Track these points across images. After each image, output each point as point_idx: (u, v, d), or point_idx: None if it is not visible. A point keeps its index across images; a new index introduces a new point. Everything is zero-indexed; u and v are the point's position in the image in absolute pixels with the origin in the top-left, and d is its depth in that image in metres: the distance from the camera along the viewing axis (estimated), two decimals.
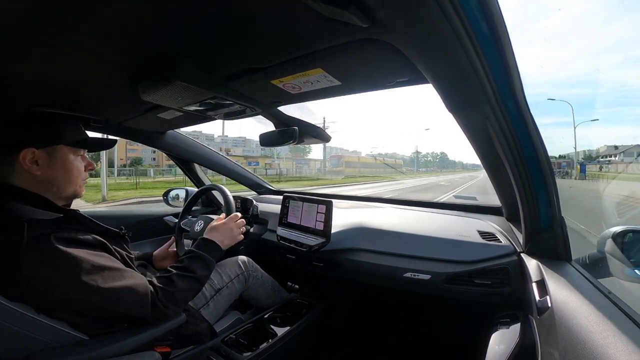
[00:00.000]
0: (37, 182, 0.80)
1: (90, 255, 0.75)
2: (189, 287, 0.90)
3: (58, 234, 0.72)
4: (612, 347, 0.46)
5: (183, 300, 0.89)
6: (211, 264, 1.00)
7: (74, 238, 0.75)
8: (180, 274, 0.91)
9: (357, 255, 1.28)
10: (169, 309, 0.83)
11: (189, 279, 0.91)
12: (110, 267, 0.77)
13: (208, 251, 1.02)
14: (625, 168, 37.01)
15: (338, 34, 0.61)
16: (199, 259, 0.98)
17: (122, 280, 0.77)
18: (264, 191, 2.23)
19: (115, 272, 0.77)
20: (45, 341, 0.69)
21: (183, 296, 0.88)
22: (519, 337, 0.79)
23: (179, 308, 0.87)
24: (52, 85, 0.86)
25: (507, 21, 0.54)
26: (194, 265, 0.95)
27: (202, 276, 0.95)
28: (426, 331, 1.62)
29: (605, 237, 0.86)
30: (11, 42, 0.62)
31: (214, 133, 79.06)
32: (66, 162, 0.84)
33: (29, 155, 0.78)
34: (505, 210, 1.30)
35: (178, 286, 0.87)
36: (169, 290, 0.86)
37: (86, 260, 0.73)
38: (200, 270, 0.95)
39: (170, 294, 0.85)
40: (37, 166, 0.79)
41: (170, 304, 0.84)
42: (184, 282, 0.89)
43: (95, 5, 0.52)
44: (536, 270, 0.83)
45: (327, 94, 0.94)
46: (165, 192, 1.99)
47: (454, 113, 0.79)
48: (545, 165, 0.78)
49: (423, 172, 60.09)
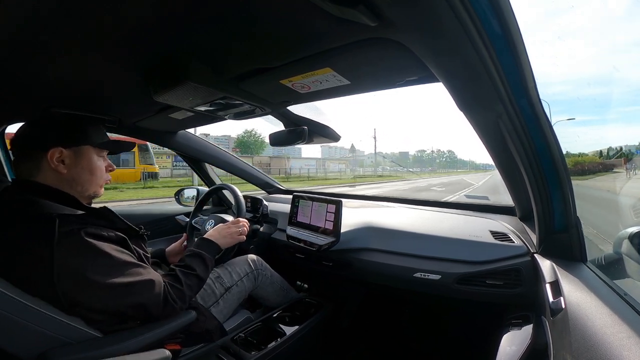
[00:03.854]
0: (62, 180, 0.82)
1: (115, 250, 0.78)
2: (191, 283, 0.93)
3: (87, 229, 0.75)
4: (627, 349, 0.45)
5: (188, 296, 0.91)
6: (209, 260, 1.03)
7: (100, 234, 0.78)
8: (183, 271, 0.94)
9: (367, 255, 1.28)
10: (177, 304, 0.86)
11: (191, 276, 0.94)
12: (131, 262, 0.80)
13: (206, 249, 1.05)
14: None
15: (347, 33, 0.61)
16: (198, 257, 1.01)
17: (140, 276, 0.80)
18: (274, 190, 2.24)
19: (134, 267, 0.80)
20: (59, 338, 0.70)
21: (188, 292, 0.91)
22: (531, 339, 0.78)
23: (184, 304, 0.89)
24: (67, 86, 0.89)
25: (519, 18, 0.53)
26: (194, 263, 0.98)
27: (202, 272, 0.98)
28: (435, 331, 1.60)
29: (622, 237, 0.84)
30: (27, 44, 0.64)
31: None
32: (91, 162, 0.87)
33: (57, 154, 0.81)
34: (518, 210, 1.28)
35: (183, 282, 0.90)
36: (176, 286, 0.88)
37: (111, 255, 0.76)
38: (199, 267, 0.98)
39: (178, 289, 0.88)
40: (64, 165, 0.82)
41: (178, 299, 0.86)
42: (187, 279, 0.92)
43: (109, 8, 0.53)
44: (550, 271, 0.82)
45: (336, 93, 0.94)
46: (176, 192, 2.02)
47: (465, 112, 0.78)
48: (560, 164, 0.76)
49: (413, 172, 55.34)
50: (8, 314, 0.64)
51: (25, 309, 0.66)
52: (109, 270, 0.74)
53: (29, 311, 0.66)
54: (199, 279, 0.96)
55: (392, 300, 1.69)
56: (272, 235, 1.70)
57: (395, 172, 52.88)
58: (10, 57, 0.70)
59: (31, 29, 0.59)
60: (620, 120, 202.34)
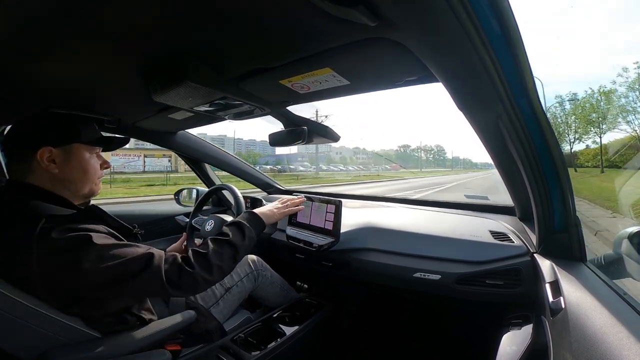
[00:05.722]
0: (55, 180, 0.81)
1: (100, 237, 0.74)
2: (222, 251, 0.87)
3: (71, 226, 0.73)
4: (627, 349, 0.45)
5: (216, 265, 0.83)
6: (247, 230, 0.97)
7: (85, 227, 0.75)
8: (215, 238, 0.90)
9: (367, 255, 1.28)
10: (196, 271, 0.79)
11: (222, 242, 0.89)
12: (120, 244, 0.77)
13: (248, 220, 1.01)
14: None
15: (346, 33, 0.61)
16: (236, 226, 0.97)
17: (134, 250, 0.76)
18: (274, 191, 2.24)
19: (126, 247, 0.76)
20: (58, 339, 0.70)
21: (215, 259, 0.84)
22: (530, 338, 0.78)
23: (208, 272, 0.81)
24: (66, 86, 0.89)
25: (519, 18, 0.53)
26: (230, 230, 0.94)
27: (237, 241, 0.91)
28: (435, 331, 1.60)
29: (622, 237, 0.84)
30: (27, 44, 0.64)
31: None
32: (82, 160, 0.86)
33: (46, 153, 0.79)
34: (518, 210, 1.28)
35: (210, 249, 0.85)
36: (200, 251, 0.84)
37: (96, 241, 0.72)
38: (235, 234, 0.93)
39: (202, 255, 0.83)
40: (55, 164, 0.81)
41: (199, 266, 0.81)
42: (217, 246, 0.87)
43: (109, 8, 0.53)
44: (550, 271, 0.82)
45: (336, 93, 0.94)
46: (176, 192, 2.01)
47: (464, 112, 0.78)
48: (560, 164, 0.76)
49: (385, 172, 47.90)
50: (8, 314, 0.64)
51: (25, 310, 0.66)
52: (97, 254, 0.71)
53: (29, 312, 0.66)
54: (231, 247, 0.89)
55: (392, 300, 1.69)
56: (272, 235, 1.70)
57: (360, 170, 49.45)
58: (10, 57, 0.70)
59: (31, 29, 0.59)
60: None
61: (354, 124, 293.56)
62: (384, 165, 66.52)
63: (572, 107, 18.44)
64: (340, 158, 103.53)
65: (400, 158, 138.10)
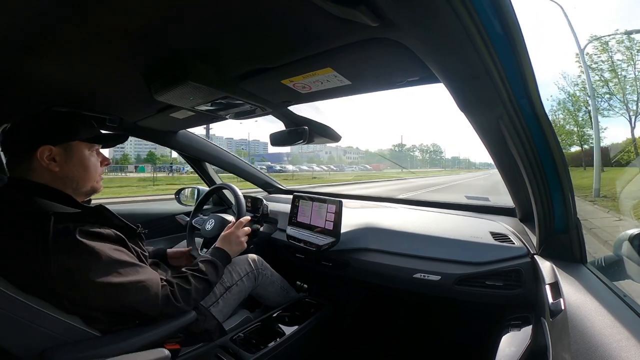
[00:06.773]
0: (56, 178, 0.81)
1: (111, 250, 0.77)
2: (200, 288, 0.94)
3: (83, 228, 0.74)
4: (626, 351, 0.45)
5: (194, 299, 0.91)
6: (221, 269, 1.05)
7: (97, 232, 0.77)
8: (195, 275, 0.95)
9: (367, 255, 1.28)
10: (179, 304, 0.86)
11: (202, 280, 0.95)
12: (127, 262, 0.80)
13: (220, 258, 1.07)
14: None
15: (348, 34, 0.61)
16: (212, 264, 1.02)
17: (136, 275, 0.79)
18: (274, 190, 2.24)
19: (131, 267, 0.80)
20: (58, 337, 0.70)
21: (195, 295, 0.91)
22: (530, 340, 0.78)
23: (189, 306, 0.90)
24: (69, 86, 0.89)
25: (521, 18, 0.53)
26: (207, 269, 0.99)
27: (213, 280, 1.00)
28: (435, 331, 1.60)
29: (622, 239, 0.84)
30: (29, 44, 0.64)
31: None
32: (83, 157, 0.86)
33: (46, 152, 0.79)
34: (518, 211, 1.28)
35: (192, 284, 0.91)
36: (184, 287, 0.89)
37: (107, 254, 0.75)
38: (211, 273, 1.00)
39: (186, 290, 0.89)
40: (55, 163, 0.81)
41: (182, 300, 0.87)
42: (197, 282, 0.93)
43: (110, 8, 0.54)
44: (550, 273, 0.82)
45: (337, 93, 0.94)
46: (177, 191, 2.02)
47: (466, 112, 0.78)
48: (561, 166, 0.76)
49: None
50: (8, 313, 0.64)
51: (25, 308, 0.66)
52: (105, 269, 0.74)
53: (29, 310, 0.67)
54: (208, 284, 0.97)
55: (392, 301, 1.69)
56: (272, 235, 1.70)
57: (332, 171, 43.63)
58: (11, 57, 0.70)
59: (32, 29, 0.59)
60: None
61: (349, 122, 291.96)
62: (362, 165, 62.59)
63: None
64: (329, 158, 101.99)
65: (395, 157, 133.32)
